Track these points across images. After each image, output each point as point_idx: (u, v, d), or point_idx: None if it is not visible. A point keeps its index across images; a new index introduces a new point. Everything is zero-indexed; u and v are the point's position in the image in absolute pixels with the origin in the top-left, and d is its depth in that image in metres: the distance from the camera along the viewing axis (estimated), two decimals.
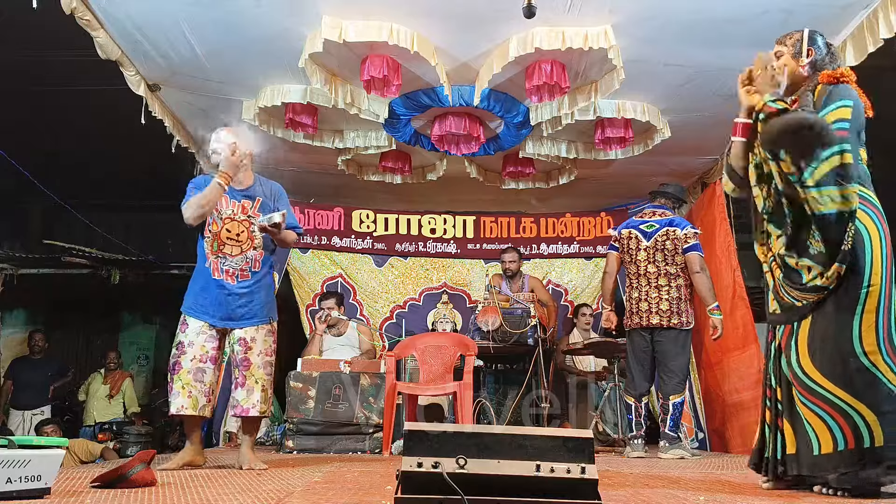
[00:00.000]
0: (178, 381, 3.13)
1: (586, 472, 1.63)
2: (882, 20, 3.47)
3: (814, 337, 2.29)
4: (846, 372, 2.20)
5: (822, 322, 2.27)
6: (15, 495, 1.91)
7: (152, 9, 3.70)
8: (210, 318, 3.18)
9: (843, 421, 2.18)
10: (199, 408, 3.13)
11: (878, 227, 2.27)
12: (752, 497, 2.23)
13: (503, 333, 4.95)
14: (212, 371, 3.18)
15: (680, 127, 4.87)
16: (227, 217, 3.20)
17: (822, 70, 2.45)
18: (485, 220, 6.66)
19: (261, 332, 3.20)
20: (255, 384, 3.15)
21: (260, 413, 3.17)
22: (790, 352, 2.36)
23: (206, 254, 3.21)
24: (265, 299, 3.26)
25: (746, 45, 3.95)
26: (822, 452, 2.22)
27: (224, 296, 3.17)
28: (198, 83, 4.47)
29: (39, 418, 6.45)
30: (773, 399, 2.46)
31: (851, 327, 2.21)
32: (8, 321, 7.93)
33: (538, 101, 4.36)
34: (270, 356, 3.23)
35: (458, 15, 3.81)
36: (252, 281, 3.21)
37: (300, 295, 6.31)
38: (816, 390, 2.25)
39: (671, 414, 4.27)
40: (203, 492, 2.27)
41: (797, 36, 2.52)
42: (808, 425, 2.27)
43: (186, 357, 3.14)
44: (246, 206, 3.23)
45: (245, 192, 3.26)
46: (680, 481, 2.77)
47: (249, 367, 3.16)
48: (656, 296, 4.35)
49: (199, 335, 3.17)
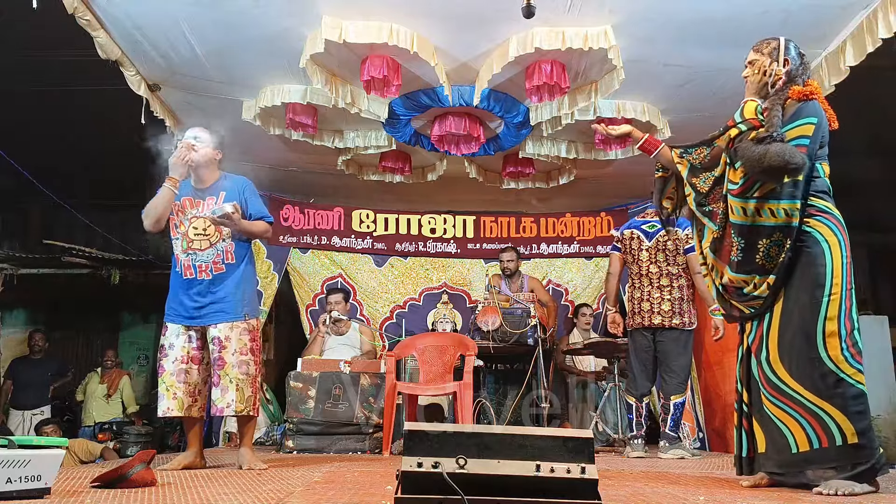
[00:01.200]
0: (162, 383, 3.16)
1: (586, 472, 1.63)
2: (882, 20, 3.47)
3: (783, 342, 2.42)
4: (813, 376, 2.32)
5: (790, 329, 2.40)
6: (15, 495, 1.91)
7: (152, 9, 3.71)
8: (183, 320, 3.18)
9: (815, 421, 2.31)
10: (184, 408, 3.13)
11: (839, 237, 2.39)
12: (751, 497, 2.24)
13: (503, 333, 4.95)
14: (196, 371, 3.18)
15: (680, 127, 4.86)
16: (193, 216, 3.21)
17: (794, 79, 2.54)
18: (485, 220, 6.66)
19: (235, 330, 3.15)
20: (229, 383, 3.10)
21: (236, 412, 3.12)
22: (761, 354, 2.49)
23: (176, 256, 3.22)
24: (241, 294, 3.21)
25: (746, 45, 3.92)
26: (799, 451, 2.34)
27: (195, 294, 3.15)
28: (198, 83, 4.47)
29: (39, 418, 6.45)
30: (740, 401, 2.63)
31: (816, 334, 2.33)
32: (8, 321, 7.93)
33: (538, 101, 4.36)
34: (246, 354, 3.16)
35: (458, 15, 3.81)
36: (227, 273, 3.18)
37: (300, 295, 6.31)
38: (787, 392, 2.38)
39: (672, 414, 4.28)
40: (203, 492, 2.27)
41: (774, 44, 2.59)
42: (782, 425, 2.39)
43: (168, 359, 3.16)
44: (210, 203, 3.23)
45: (208, 190, 3.27)
46: (680, 481, 2.77)
47: (224, 366, 3.12)
48: (658, 296, 4.36)
49: (178, 337, 3.18)
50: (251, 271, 3.36)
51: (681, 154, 2.77)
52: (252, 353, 3.20)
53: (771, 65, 2.54)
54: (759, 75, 2.56)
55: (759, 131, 2.40)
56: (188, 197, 3.26)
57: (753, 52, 2.62)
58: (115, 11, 3.69)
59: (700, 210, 2.69)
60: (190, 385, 3.16)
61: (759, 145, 2.35)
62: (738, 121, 2.49)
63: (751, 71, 2.59)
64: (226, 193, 3.26)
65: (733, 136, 2.48)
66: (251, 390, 3.16)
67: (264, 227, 3.32)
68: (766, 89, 2.55)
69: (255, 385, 3.20)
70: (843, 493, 2.15)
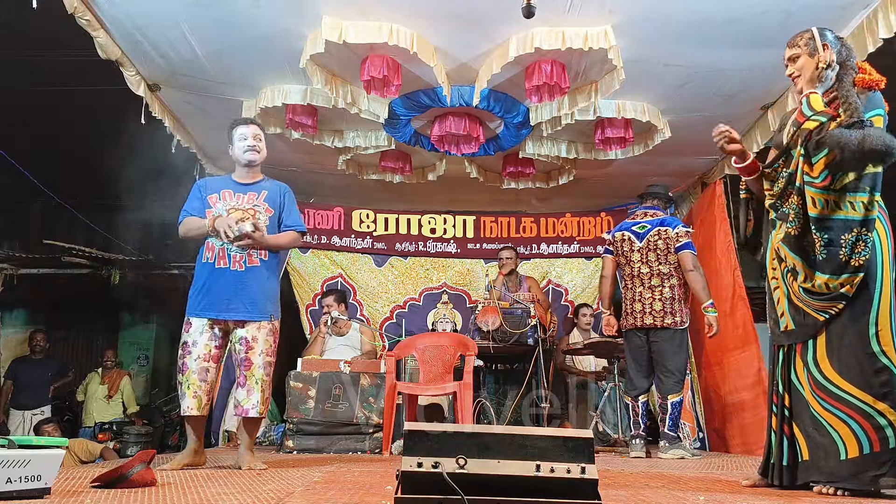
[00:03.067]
0: (185, 381, 3.15)
1: (586, 472, 1.63)
2: (882, 20, 3.47)
3: (832, 341, 2.31)
4: (865, 373, 2.22)
5: (840, 326, 2.30)
6: (15, 495, 1.91)
7: (152, 9, 3.71)
8: (212, 313, 3.16)
9: (867, 423, 2.20)
10: (202, 407, 3.16)
11: (887, 229, 2.32)
12: (752, 497, 2.24)
13: (503, 333, 4.95)
14: (214, 370, 3.21)
15: (680, 127, 4.86)
16: (232, 207, 3.24)
17: (845, 62, 2.46)
18: (485, 219, 6.67)
19: (262, 330, 3.18)
20: (255, 384, 3.14)
21: (259, 414, 3.17)
22: (807, 354, 2.37)
23: (207, 245, 3.21)
24: (270, 293, 3.24)
25: (746, 45, 3.96)
26: (848, 457, 2.22)
27: (227, 284, 3.15)
28: (198, 83, 4.47)
29: (39, 418, 6.45)
30: (780, 405, 2.46)
31: (868, 328, 2.24)
32: (8, 321, 7.94)
33: (538, 101, 4.35)
34: (271, 356, 3.21)
35: (457, 15, 3.81)
36: (261, 266, 3.20)
37: (300, 295, 6.31)
38: (837, 393, 2.27)
39: (670, 413, 4.28)
40: (203, 492, 2.27)
41: (807, 35, 2.51)
42: (831, 430, 2.27)
43: (191, 357, 3.15)
44: (252, 197, 3.29)
45: (251, 186, 3.33)
46: (680, 481, 2.77)
47: (251, 367, 3.15)
48: (650, 296, 4.37)
49: (202, 334, 3.17)
50: (278, 270, 3.42)
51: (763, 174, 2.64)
52: (274, 356, 3.23)
53: (819, 56, 2.45)
54: (812, 67, 2.45)
55: (840, 119, 2.31)
56: (227, 190, 3.29)
57: (789, 48, 2.54)
58: (115, 11, 3.70)
59: (776, 213, 2.53)
60: (208, 384, 3.17)
61: (853, 131, 2.24)
62: (810, 114, 2.38)
63: (795, 67, 2.50)
64: (267, 192, 3.31)
65: (812, 128, 2.36)
66: (269, 392, 3.22)
67: (293, 237, 3.35)
68: (817, 80, 2.46)
69: (270, 388, 3.25)
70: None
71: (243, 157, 3.31)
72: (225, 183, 3.34)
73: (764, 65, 4.07)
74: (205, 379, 3.15)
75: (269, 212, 3.29)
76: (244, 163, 3.33)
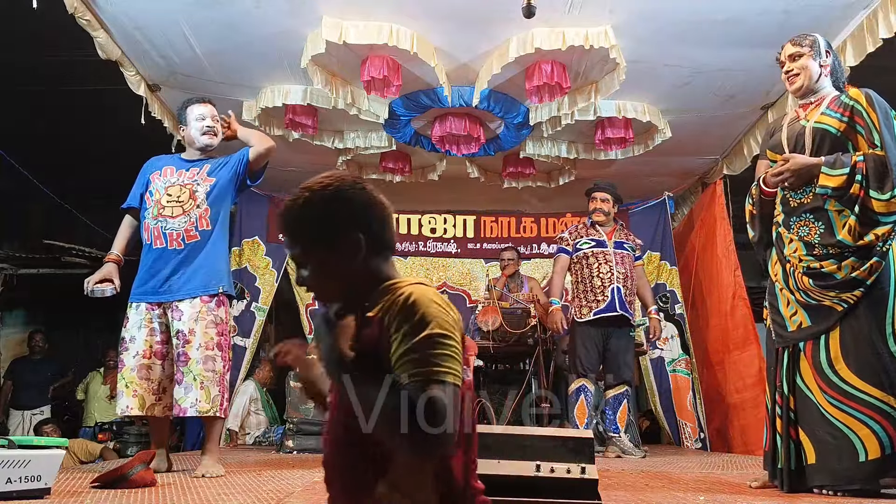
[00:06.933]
0: (121, 379, 2.95)
1: (586, 472, 1.64)
2: (882, 20, 3.47)
3: (846, 341, 2.27)
4: (884, 372, 2.19)
5: (855, 326, 2.26)
6: (15, 495, 1.91)
7: (152, 9, 3.71)
8: (149, 296, 2.98)
9: (888, 423, 2.16)
10: (146, 407, 2.92)
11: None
12: (752, 497, 2.23)
13: (503, 333, 4.95)
14: (160, 367, 2.97)
15: (680, 127, 4.86)
16: (169, 185, 3.08)
17: (835, 74, 2.48)
18: (485, 219, 6.65)
19: (203, 319, 2.91)
20: (192, 381, 2.86)
21: (200, 413, 2.86)
22: (819, 356, 2.31)
23: (145, 225, 3.07)
24: (214, 265, 3.00)
25: (746, 45, 3.96)
26: (868, 458, 2.17)
27: (165, 264, 2.96)
28: (198, 83, 4.47)
29: (39, 418, 6.45)
30: (785, 408, 2.40)
31: (884, 324, 2.22)
32: (8, 321, 7.93)
33: (538, 101, 4.35)
34: (212, 350, 2.91)
35: (458, 15, 3.81)
36: (201, 241, 2.99)
37: (300, 294, 6.30)
38: (853, 394, 2.22)
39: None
40: (203, 492, 2.27)
41: (811, 39, 2.50)
42: (848, 431, 2.21)
43: (129, 354, 2.97)
44: (194, 172, 3.12)
45: (195, 163, 3.16)
46: (680, 481, 2.77)
47: (187, 362, 2.89)
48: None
49: (140, 329, 2.98)
50: (225, 246, 3.15)
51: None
52: (219, 349, 2.95)
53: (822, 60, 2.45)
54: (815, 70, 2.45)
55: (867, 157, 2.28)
56: (170, 166, 3.14)
57: (793, 45, 2.51)
58: (115, 11, 3.69)
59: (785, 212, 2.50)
60: (153, 382, 2.94)
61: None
62: (834, 173, 2.31)
63: (797, 66, 2.48)
64: (210, 165, 3.13)
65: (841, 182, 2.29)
66: (218, 389, 2.91)
67: (259, 133, 3.26)
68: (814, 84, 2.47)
69: (222, 383, 2.95)
70: None
71: (200, 139, 3.13)
72: (171, 160, 3.19)
73: (764, 65, 4.05)
74: (147, 377, 2.92)
75: (207, 181, 3.07)
76: (199, 146, 3.15)
